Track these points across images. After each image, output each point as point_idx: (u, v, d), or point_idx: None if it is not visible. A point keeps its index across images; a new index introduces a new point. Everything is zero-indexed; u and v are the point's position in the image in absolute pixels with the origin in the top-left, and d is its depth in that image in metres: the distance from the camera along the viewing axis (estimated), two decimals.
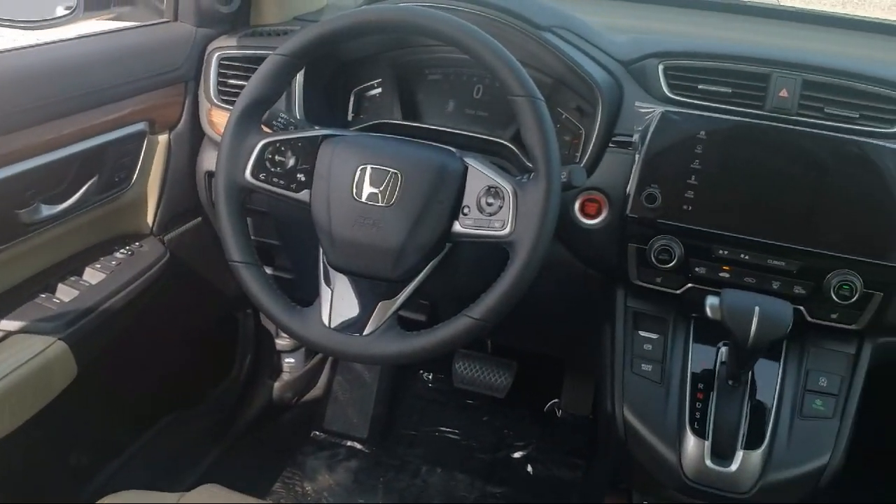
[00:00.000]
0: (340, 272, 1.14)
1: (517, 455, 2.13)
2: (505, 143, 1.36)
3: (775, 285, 1.19)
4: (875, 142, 1.18)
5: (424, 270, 1.12)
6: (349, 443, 2.14)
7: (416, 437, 2.19)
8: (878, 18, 1.83)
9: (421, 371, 2.34)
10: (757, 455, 1.14)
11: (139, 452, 1.70)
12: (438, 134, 1.39)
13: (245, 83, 1.16)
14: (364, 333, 1.11)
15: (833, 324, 1.19)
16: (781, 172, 1.18)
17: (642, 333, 1.27)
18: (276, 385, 2.10)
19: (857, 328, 1.19)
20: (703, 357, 1.23)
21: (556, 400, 2.20)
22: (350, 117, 1.51)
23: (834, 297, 1.15)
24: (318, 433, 2.17)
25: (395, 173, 1.09)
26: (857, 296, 1.15)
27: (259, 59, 1.19)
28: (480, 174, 1.09)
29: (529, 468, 2.10)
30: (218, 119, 1.50)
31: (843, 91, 1.23)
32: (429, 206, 1.08)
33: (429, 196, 1.08)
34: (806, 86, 1.23)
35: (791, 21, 1.79)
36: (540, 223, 1.04)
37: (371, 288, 1.13)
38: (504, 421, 2.23)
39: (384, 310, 1.12)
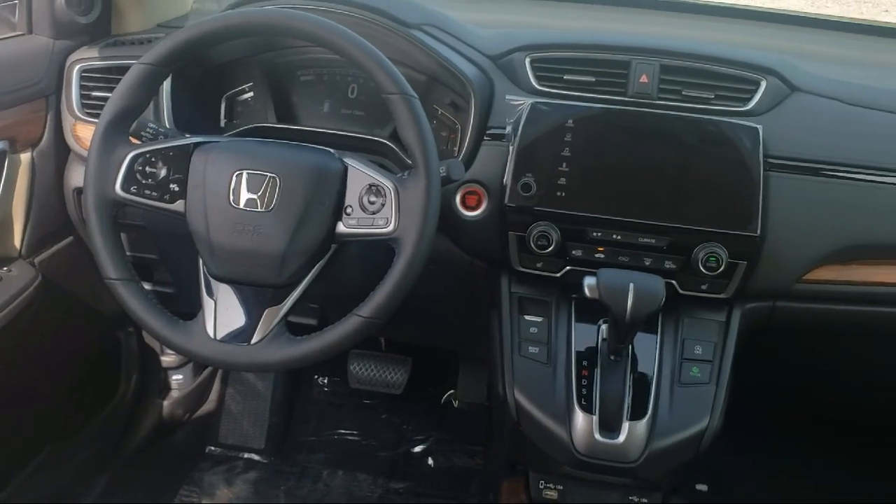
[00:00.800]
0: (223, 282, 1.13)
1: (417, 449, 2.15)
2: (383, 140, 1.37)
3: (647, 262, 1.24)
4: (730, 120, 1.25)
5: (310, 274, 1.12)
6: (246, 455, 2.11)
7: (316, 443, 2.17)
8: (730, 4, 1.94)
9: (315, 376, 2.32)
10: (642, 425, 1.19)
11: (23, 488, 1.62)
12: (315, 135, 1.38)
13: (109, 95, 1.13)
14: (252, 342, 1.10)
15: (703, 294, 1.25)
16: (646, 154, 1.24)
17: (527, 317, 1.30)
18: (166, 403, 2.03)
19: (725, 296, 1.25)
20: (586, 335, 1.28)
21: (452, 391, 2.23)
22: (223, 123, 1.48)
23: (702, 268, 1.22)
24: (213, 448, 2.12)
25: (273, 177, 1.08)
26: (723, 266, 1.21)
27: (123, 69, 1.16)
28: (360, 173, 1.09)
29: (430, 461, 2.12)
30: (83, 133, 1.44)
31: (698, 74, 1.30)
32: (310, 209, 1.08)
33: (309, 198, 1.08)
34: (664, 70, 1.29)
35: (648, 9, 1.87)
36: (423, 218, 1.06)
37: (256, 295, 1.12)
38: (403, 417, 2.24)
39: (271, 317, 1.11)
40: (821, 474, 2.05)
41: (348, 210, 1.09)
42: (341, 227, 1.09)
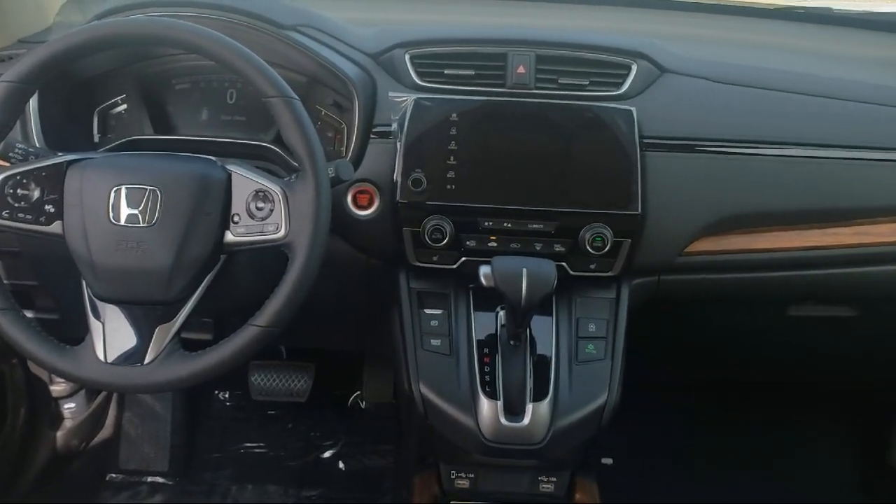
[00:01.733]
0: (109, 303, 1.09)
1: (327, 454, 2.14)
2: (267, 145, 1.36)
3: (538, 247, 1.28)
4: (605, 104, 1.29)
5: (201, 287, 1.10)
6: (150, 478, 2.04)
7: (222, 459, 2.12)
8: None
9: (216, 391, 2.27)
10: (545, 405, 1.22)
11: None
12: (195, 144, 1.35)
13: None
14: (145, 362, 1.07)
15: (592, 273, 1.29)
16: (529, 143, 1.27)
17: (427, 311, 1.31)
18: (59, 434, 1.95)
19: (613, 274, 1.30)
20: (485, 323, 1.30)
21: (358, 392, 2.22)
22: (97, 139, 1.43)
23: (589, 249, 1.26)
24: (114, 475, 2.04)
25: (154, 190, 1.05)
26: (608, 246, 1.26)
27: None
28: (245, 179, 1.08)
29: (341, 464, 2.11)
30: None
31: (572, 61, 1.33)
32: (195, 220, 1.05)
33: (193, 209, 1.05)
34: (539, 60, 1.32)
35: (525, 1, 1.91)
36: (314, 221, 1.05)
37: (146, 314, 1.09)
38: (309, 424, 2.22)
39: (163, 334, 1.08)
40: (716, 434, 2.16)
41: (235, 218, 1.07)
42: (229, 237, 1.08)
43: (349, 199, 1.30)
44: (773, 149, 1.32)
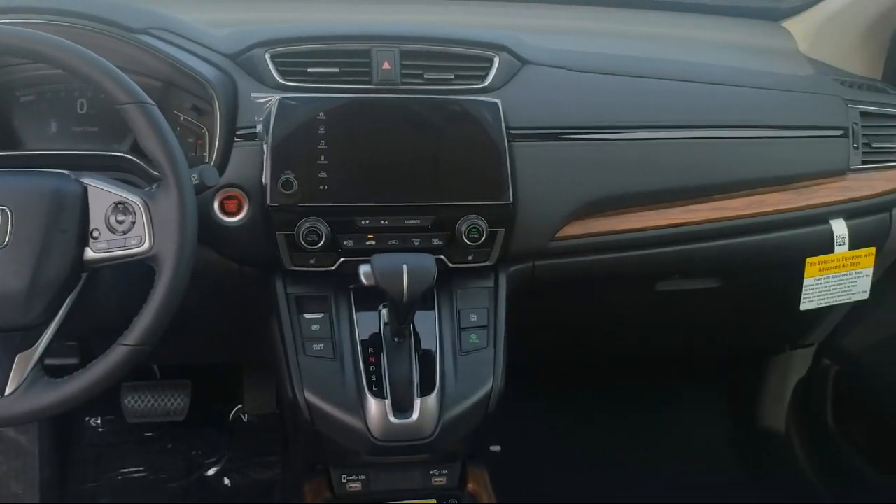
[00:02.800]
0: None
1: (211, 472, 2.08)
2: (124, 154, 1.29)
3: (416, 242, 1.28)
4: (471, 97, 1.31)
5: (63, 308, 1.04)
6: None
7: (98, 488, 2.03)
8: None
9: (86, 417, 2.15)
10: (432, 399, 1.23)
11: None
12: (46, 159, 1.26)
13: None
14: (6, 394, 1.01)
15: (471, 264, 1.31)
16: (399, 139, 1.27)
17: (307, 316, 1.29)
18: None
19: (490, 263, 1.32)
20: (368, 323, 1.29)
21: (239, 405, 2.17)
22: None
23: (466, 240, 1.27)
24: None
25: (3, 210, 0.99)
26: (484, 236, 1.28)
27: None
28: (102, 192, 1.03)
29: (227, 481, 2.06)
30: None
31: (436, 56, 1.34)
32: (50, 239, 1.00)
33: (47, 227, 1.00)
34: (404, 56, 1.32)
35: None
36: (179, 231, 1.02)
37: (3, 342, 1.02)
38: (190, 442, 2.14)
39: (25, 362, 1.02)
40: (599, 412, 2.24)
41: (95, 234, 1.03)
42: (90, 254, 1.03)
43: (216, 205, 1.26)
44: (633, 132, 1.38)
